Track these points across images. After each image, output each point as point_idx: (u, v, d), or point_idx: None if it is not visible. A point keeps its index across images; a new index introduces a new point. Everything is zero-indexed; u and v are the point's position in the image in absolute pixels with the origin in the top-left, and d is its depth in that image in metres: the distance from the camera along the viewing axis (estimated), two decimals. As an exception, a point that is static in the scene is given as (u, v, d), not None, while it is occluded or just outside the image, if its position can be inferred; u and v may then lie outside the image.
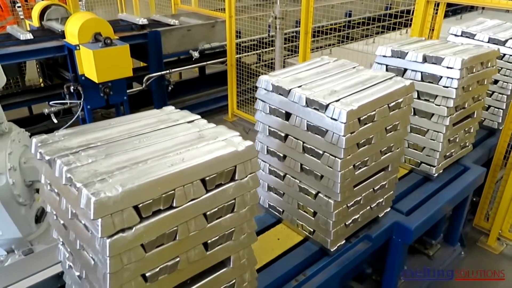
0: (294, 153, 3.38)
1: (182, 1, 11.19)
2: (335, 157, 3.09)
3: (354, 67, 3.68)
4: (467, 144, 4.90)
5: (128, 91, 7.95)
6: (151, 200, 2.13)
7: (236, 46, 9.00)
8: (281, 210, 3.77)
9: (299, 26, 7.60)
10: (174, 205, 2.24)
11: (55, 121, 7.43)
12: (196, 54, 8.91)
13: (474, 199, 6.17)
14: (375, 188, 3.60)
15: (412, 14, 6.28)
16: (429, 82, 4.11)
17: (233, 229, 2.59)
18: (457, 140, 4.57)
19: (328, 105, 3.00)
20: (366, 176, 3.46)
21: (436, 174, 4.52)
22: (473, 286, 5.46)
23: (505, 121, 5.43)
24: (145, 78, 8.38)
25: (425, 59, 4.09)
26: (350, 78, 3.46)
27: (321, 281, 3.36)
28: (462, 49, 4.28)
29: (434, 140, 4.32)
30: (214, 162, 2.34)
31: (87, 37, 7.05)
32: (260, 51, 9.44)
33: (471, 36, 5.25)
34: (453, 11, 11.78)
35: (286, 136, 3.39)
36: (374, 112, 3.16)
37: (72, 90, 7.35)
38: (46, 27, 8.26)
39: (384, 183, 3.67)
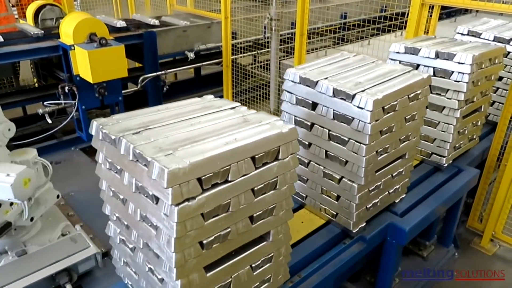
0: (319, 141, 3.83)
1: (178, 2, 11.50)
2: (360, 143, 3.55)
3: (373, 62, 4.16)
4: (475, 137, 5.45)
5: (123, 91, 8.14)
6: (211, 174, 2.53)
7: (231, 47, 9.24)
8: (304, 196, 4.22)
9: (295, 28, 7.81)
10: (229, 179, 2.65)
11: (50, 121, 7.61)
12: (191, 55, 9.17)
13: (468, 200, 6.50)
14: (393, 174, 4.09)
15: (407, 17, 6.50)
16: (441, 77, 4.62)
17: (274, 205, 3.02)
18: (466, 133, 5.10)
19: (355, 94, 3.45)
20: (386, 163, 3.93)
21: (446, 164, 5.01)
22: (468, 286, 5.78)
23: (498, 124, 5.82)
24: (141, 78, 8.59)
25: (437, 55, 4.60)
26: (371, 71, 3.94)
27: (315, 282, 3.64)
28: (471, 46, 4.80)
29: (445, 132, 4.82)
30: (263, 142, 2.77)
31: (82, 37, 7.23)
32: (255, 52, 9.60)
33: (477, 35, 5.80)
34: (448, 13, 12.16)
35: (312, 125, 3.84)
36: (396, 102, 3.63)
37: (66, 90, 7.51)
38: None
39: (401, 170, 4.16)
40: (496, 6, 5.40)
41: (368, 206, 3.97)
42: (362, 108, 3.43)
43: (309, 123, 3.85)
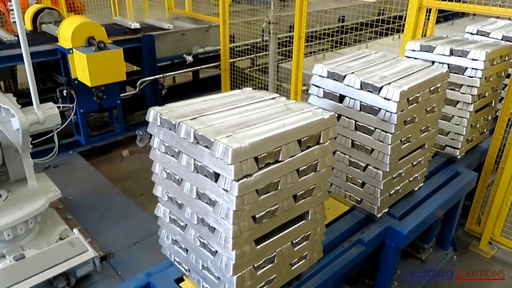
0: (346, 131, 4.35)
1: (177, 5, 11.94)
2: (386, 132, 4.07)
3: (394, 58, 4.71)
4: (485, 131, 6.04)
5: (121, 95, 8.63)
6: (266, 153, 3.02)
7: (230, 50, 9.72)
8: (329, 184, 4.68)
9: (293, 31, 8.20)
10: (280, 159, 3.14)
11: (48, 125, 8.01)
12: (190, 58, 9.57)
13: (466, 203, 6.88)
14: (413, 163, 4.62)
15: (404, 20, 6.91)
16: (455, 73, 5.18)
17: (314, 186, 3.52)
18: (478, 126, 5.69)
19: (382, 87, 3.98)
20: (408, 151, 4.46)
21: (459, 156, 5.56)
22: (468, 287, 6.12)
23: (495, 127, 6.24)
24: (139, 82, 9.05)
25: (451, 52, 5.17)
26: (393, 66, 4.48)
27: (314, 285, 3.89)
28: (483, 44, 5.38)
29: (458, 125, 5.39)
30: (308, 126, 3.27)
31: (80, 41, 7.63)
32: (253, 55, 10.09)
33: (485, 34, 6.35)
34: (445, 17, 12.81)
35: (339, 116, 4.35)
36: (419, 94, 4.17)
37: (65, 94, 7.92)
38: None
39: (420, 159, 4.71)
40: (493, 9, 5.83)
41: (391, 193, 4.49)
42: (388, 99, 3.94)
43: (336, 115, 4.33)
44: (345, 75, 4.19)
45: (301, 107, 3.53)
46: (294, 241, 3.58)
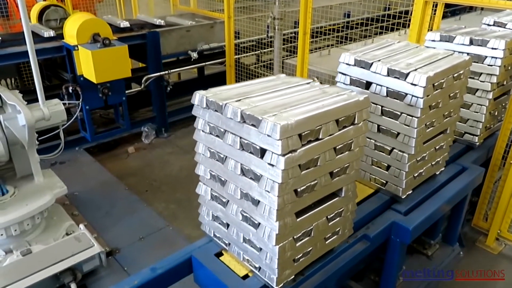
0: (372, 116, 4.73)
1: (182, 2, 12.36)
2: (412, 116, 4.47)
3: (416, 47, 5.14)
4: (502, 119, 6.44)
5: (126, 91, 8.97)
6: (309, 131, 3.41)
7: (235, 46, 10.09)
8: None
9: (298, 27, 8.54)
10: (320, 137, 3.53)
11: (54, 121, 8.35)
12: (195, 55, 9.97)
13: (473, 199, 7.12)
14: (436, 148, 5.03)
15: (411, 15, 7.20)
16: (475, 62, 5.54)
17: (348, 164, 3.91)
18: (496, 114, 6.10)
19: (408, 73, 4.39)
20: (431, 136, 4.88)
21: (478, 143, 5.98)
22: (472, 286, 6.32)
23: (503, 122, 6.48)
24: (144, 78, 9.43)
25: (471, 42, 5.59)
26: (417, 54, 4.90)
27: (319, 281, 4.02)
28: (501, 34, 5.79)
29: (477, 112, 5.81)
30: (345, 107, 3.66)
31: (85, 37, 8.00)
32: (259, 51, 10.51)
33: (502, 25, 6.72)
34: (452, 11, 13.19)
35: (366, 102, 4.79)
36: (443, 80, 4.59)
37: (70, 91, 8.31)
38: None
39: (442, 144, 5.12)
40: (501, 3, 6.17)
41: (415, 175, 4.88)
42: (415, 85, 4.34)
43: (363, 99, 4.79)
44: (372, 63, 4.60)
45: (336, 90, 3.92)
46: (328, 217, 3.96)
